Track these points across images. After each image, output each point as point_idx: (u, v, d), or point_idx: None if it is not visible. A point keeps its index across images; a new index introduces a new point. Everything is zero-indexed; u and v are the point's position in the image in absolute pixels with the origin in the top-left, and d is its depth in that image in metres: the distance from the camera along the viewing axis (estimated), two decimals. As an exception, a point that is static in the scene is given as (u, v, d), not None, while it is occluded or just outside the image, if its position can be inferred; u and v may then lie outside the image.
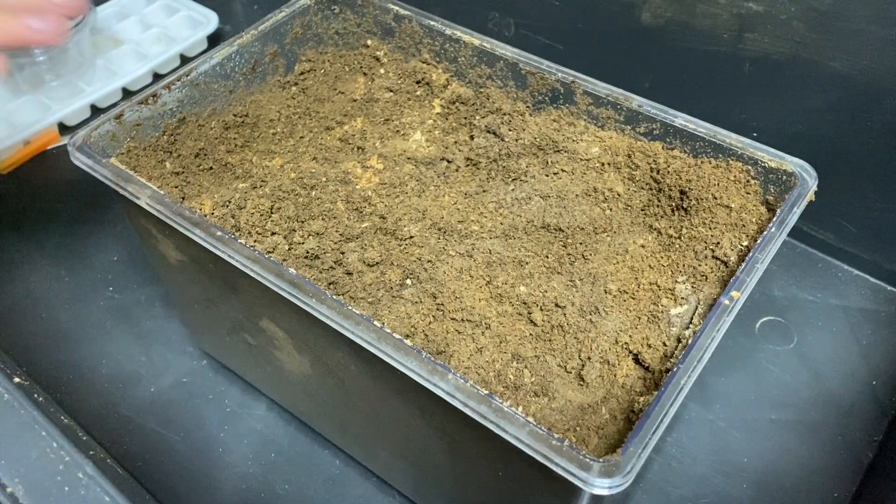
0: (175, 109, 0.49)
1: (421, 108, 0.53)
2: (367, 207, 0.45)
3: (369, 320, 0.35)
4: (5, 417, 0.38)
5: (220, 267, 0.43)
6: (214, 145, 0.49)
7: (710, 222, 0.41)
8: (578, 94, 0.48)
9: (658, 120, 0.46)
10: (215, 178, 0.47)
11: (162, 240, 0.47)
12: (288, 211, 0.43)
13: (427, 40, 0.54)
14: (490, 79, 0.52)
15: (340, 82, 0.55)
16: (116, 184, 0.42)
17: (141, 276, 0.67)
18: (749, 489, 0.53)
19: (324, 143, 0.50)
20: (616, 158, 0.46)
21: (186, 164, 0.47)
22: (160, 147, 0.47)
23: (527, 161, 0.47)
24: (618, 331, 0.39)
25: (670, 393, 0.32)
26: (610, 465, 0.30)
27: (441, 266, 0.41)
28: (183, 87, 0.49)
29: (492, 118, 0.49)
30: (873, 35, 0.54)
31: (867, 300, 0.64)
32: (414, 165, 0.49)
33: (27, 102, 0.77)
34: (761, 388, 0.59)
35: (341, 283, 0.40)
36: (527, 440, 0.31)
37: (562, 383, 0.37)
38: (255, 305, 0.44)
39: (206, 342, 0.59)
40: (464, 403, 0.32)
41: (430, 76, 0.54)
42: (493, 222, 0.44)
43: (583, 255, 0.42)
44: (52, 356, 0.61)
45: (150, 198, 0.41)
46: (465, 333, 0.39)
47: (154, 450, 0.55)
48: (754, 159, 0.43)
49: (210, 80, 0.50)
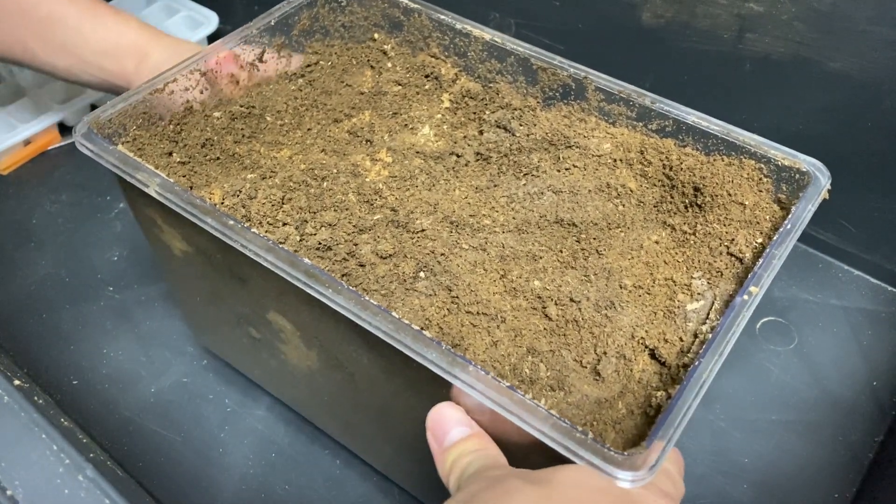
0: (182, 99, 0.48)
1: (429, 102, 0.53)
2: (378, 200, 0.44)
3: (387, 311, 0.35)
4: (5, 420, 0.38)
5: (227, 258, 0.43)
6: (221, 136, 0.48)
7: (725, 219, 0.41)
8: (590, 90, 0.48)
9: (671, 117, 0.46)
10: (223, 168, 0.46)
11: (168, 230, 0.46)
12: (300, 202, 0.42)
13: (436, 34, 0.54)
14: (500, 74, 0.52)
15: (348, 75, 0.54)
16: (124, 171, 0.41)
17: (141, 276, 0.67)
18: (749, 489, 0.53)
19: (332, 135, 0.50)
20: (628, 155, 0.46)
21: (193, 153, 0.46)
22: (166, 136, 0.47)
23: (538, 156, 0.47)
24: (634, 326, 0.39)
25: (692, 386, 0.32)
26: (635, 458, 0.30)
27: (454, 259, 0.41)
28: (191, 77, 0.48)
29: (502, 113, 0.49)
30: (873, 35, 0.54)
31: (867, 300, 0.65)
32: (423, 159, 0.48)
33: (27, 102, 0.77)
34: (761, 388, 0.59)
35: (354, 274, 0.40)
36: (550, 433, 0.31)
37: (577, 378, 0.37)
38: (264, 297, 0.43)
39: (207, 338, 0.58)
40: (485, 395, 0.32)
41: (439, 70, 0.53)
42: (506, 217, 0.44)
43: (597, 250, 0.42)
44: (52, 357, 0.61)
45: (159, 186, 0.40)
46: (481, 327, 0.38)
47: (154, 450, 0.55)
48: (767, 157, 0.43)
49: (217, 70, 0.49)
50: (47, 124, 0.76)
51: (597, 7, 0.66)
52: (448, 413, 0.35)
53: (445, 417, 0.35)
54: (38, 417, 0.38)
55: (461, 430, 0.35)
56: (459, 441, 0.34)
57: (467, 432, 0.35)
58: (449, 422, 0.35)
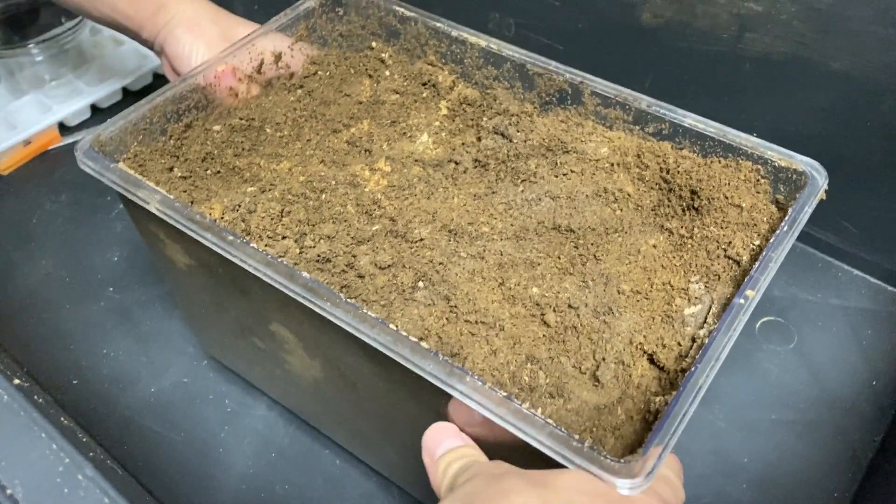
0: (181, 114, 0.49)
1: (427, 109, 0.53)
2: (377, 210, 0.45)
3: (385, 323, 0.35)
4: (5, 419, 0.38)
5: (230, 271, 0.43)
6: (221, 149, 0.48)
7: (722, 222, 0.41)
8: (586, 95, 0.48)
9: (667, 120, 0.46)
10: (223, 182, 0.47)
11: (170, 244, 0.46)
12: (298, 214, 0.43)
13: (433, 42, 0.54)
14: (497, 80, 0.52)
15: (346, 84, 0.55)
16: (126, 189, 0.41)
17: (141, 276, 0.67)
18: (749, 489, 0.53)
19: (331, 145, 0.50)
20: (625, 159, 0.46)
21: (193, 168, 0.47)
22: (167, 151, 0.47)
23: (535, 162, 0.47)
24: (632, 331, 0.39)
25: (689, 392, 0.32)
26: (632, 465, 0.30)
27: (453, 268, 0.41)
28: (188, 92, 0.49)
29: (499, 119, 0.49)
30: (873, 35, 0.54)
31: (867, 300, 0.65)
32: (422, 167, 0.49)
33: (27, 102, 0.77)
34: (761, 388, 0.59)
35: (353, 286, 0.40)
36: (547, 442, 0.31)
37: (577, 384, 0.37)
38: (266, 309, 0.44)
39: (213, 347, 0.59)
40: (482, 405, 0.32)
41: (437, 78, 0.53)
42: (504, 224, 0.44)
43: (594, 255, 0.42)
44: (52, 356, 0.61)
45: (160, 203, 0.41)
46: (479, 335, 0.38)
47: (154, 450, 0.55)
48: (764, 158, 0.43)
49: (216, 84, 0.50)
50: (47, 124, 0.76)
51: (596, 7, 0.66)
52: (440, 430, 0.36)
53: (438, 435, 0.36)
54: (38, 417, 0.38)
55: (453, 441, 0.35)
56: (451, 449, 0.35)
57: (459, 443, 0.35)
58: (441, 436, 0.36)
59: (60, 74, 0.80)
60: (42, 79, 0.79)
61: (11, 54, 0.78)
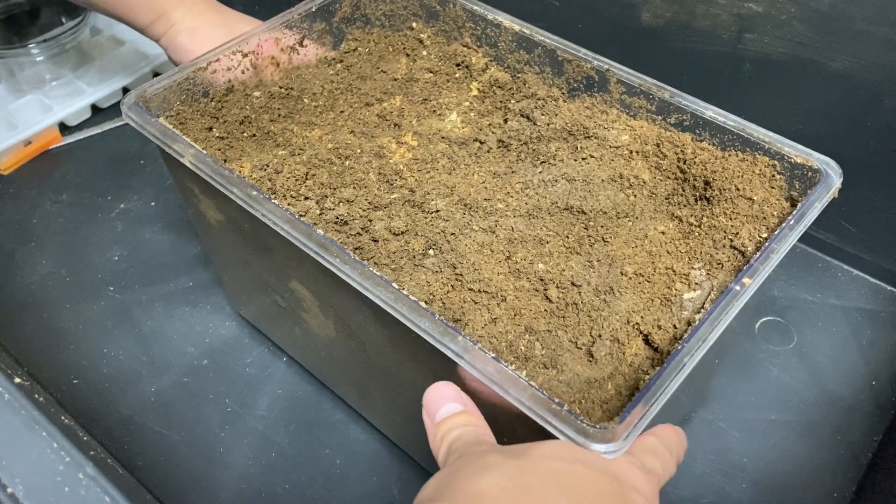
0: (224, 78, 0.51)
1: (459, 90, 0.54)
2: (398, 180, 0.46)
3: (388, 282, 0.37)
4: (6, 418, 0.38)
5: (254, 227, 0.46)
6: (259, 114, 0.51)
7: (732, 213, 0.42)
8: (612, 83, 0.49)
9: (689, 111, 0.46)
10: (257, 144, 0.49)
11: (204, 200, 0.49)
12: (322, 178, 0.45)
13: (469, 24, 0.55)
14: (528, 64, 0.53)
15: (384, 62, 0.57)
16: (163, 142, 0.44)
17: (141, 276, 0.67)
18: (749, 489, 0.53)
19: (362, 118, 0.52)
20: (645, 147, 0.47)
21: (231, 129, 0.50)
22: (208, 112, 0.50)
23: (556, 145, 0.48)
24: (630, 311, 0.40)
25: (673, 368, 0.33)
26: (606, 430, 0.31)
27: (463, 239, 0.43)
28: (233, 58, 0.51)
29: (526, 102, 0.50)
30: (873, 35, 0.54)
31: (867, 300, 0.64)
32: (447, 144, 0.50)
33: (28, 102, 0.77)
34: (761, 388, 0.59)
35: (367, 248, 0.42)
36: (528, 403, 0.32)
37: (571, 358, 0.39)
38: (286, 266, 0.46)
39: (241, 305, 0.62)
40: (472, 365, 0.34)
41: (470, 59, 0.55)
42: (519, 202, 0.45)
43: (603, 237, 0.43)
44: (52, 356, 0.61)
45: (193, 157, 0.43)
46: (481, 304, 0.40)
47: (154, 450, 0.55)
48: (781, 154, 0.43)
49: (259, 53, 0.52)
50: (47, 124, 0.76)
51: (596, 7, 0.66)
52: (442, 390, 0.37)
53: (439, 395, 0.36)
54: (39, 416, 0.38)
55: (453, 406, 0.36)
56: (450, 416, 0.36)
57: (459, 408, 0.36)
58: (442, 398, 0.36)
59: (61, 74, 0.80)
60: (42, 79, 0.79)
61: (12, 54, 0.77)
